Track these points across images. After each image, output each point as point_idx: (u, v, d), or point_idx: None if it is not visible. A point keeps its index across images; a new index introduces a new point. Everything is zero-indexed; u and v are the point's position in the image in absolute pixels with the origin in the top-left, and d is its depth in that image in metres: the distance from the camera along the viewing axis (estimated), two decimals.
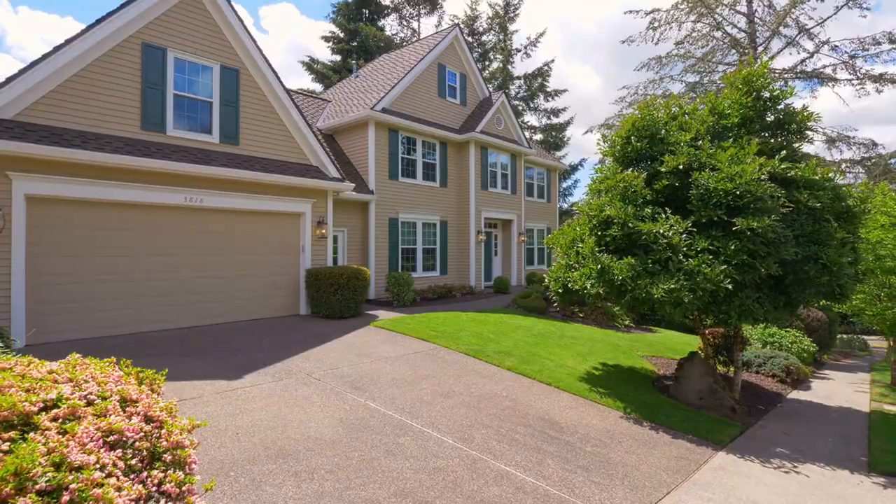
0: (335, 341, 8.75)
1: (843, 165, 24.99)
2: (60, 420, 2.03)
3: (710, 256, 6.54)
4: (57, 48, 8.24)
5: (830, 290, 6.97)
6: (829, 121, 65.75)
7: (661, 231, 6.70)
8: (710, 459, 5.46)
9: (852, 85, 23.50)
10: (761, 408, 8.39)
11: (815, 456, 6.01)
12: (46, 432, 1.92)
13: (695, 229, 6.91)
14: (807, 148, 27.61)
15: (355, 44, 34.74)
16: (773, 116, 7.83)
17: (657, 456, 5.28)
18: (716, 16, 25.78)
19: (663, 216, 6.96)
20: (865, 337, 26.75)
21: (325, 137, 15.85)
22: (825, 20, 23.04)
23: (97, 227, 8.72)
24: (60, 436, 1.91)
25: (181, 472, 2.10)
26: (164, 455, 2.15)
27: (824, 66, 24.86)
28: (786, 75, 25.04)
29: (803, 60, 24.51)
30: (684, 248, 6.67)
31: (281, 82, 11.29)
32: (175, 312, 9.59)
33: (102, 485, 1.76)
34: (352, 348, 8.32)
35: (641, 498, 4.23)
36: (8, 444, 1.82)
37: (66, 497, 1.64)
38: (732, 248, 6.49)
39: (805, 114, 7.66)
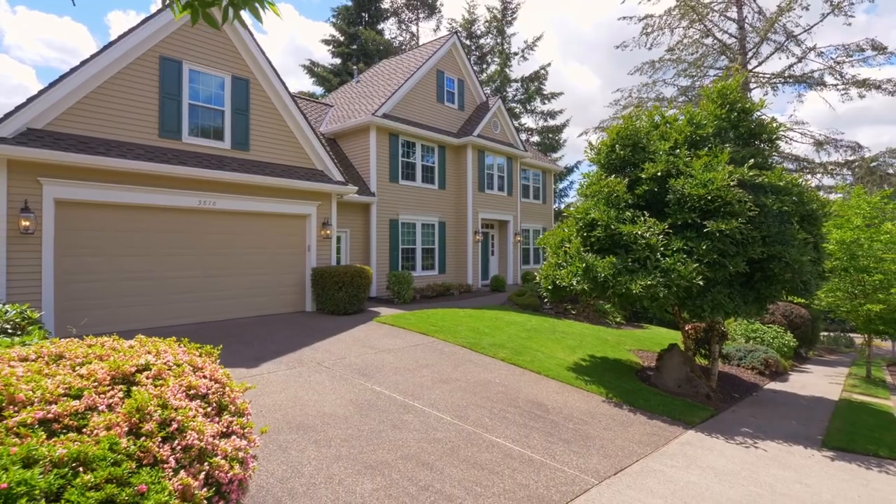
0: (341, 335, 9.40)
1: (830, 167, 25.69)
2: (152, 379, 2.68)
3: (685, 255, 7.21)
4: (84, 62, 8.87)
5: (794, 286, 7.64)
6: (825, 122, 66.72)
7: (640, 232, 7.37)
8: (680, 436, 6.12)
9: (837, 90, 24.27)
10: (736, 396, 9.06)
11: (776, 434, 6.68)
12: (146, 386, 2.57)
13: (671, 231, 7.58)
14: (796, 150, 28.40)
15: (355, 47, 35.39)
16: (745, 127, 8.50)
17: (632, 432, 5.94)
18: (706, 23, 26.49)
19: (642, 219, 7.63)
20: (853, 335, 27.46)
21: (327, 141, 16.49)
22: (812, 27, 23.79)
23: (118, 229, 9.35)
24: (156, 388, 2.56)
25: (244, 419, 2.76)
26: (229, 406, 2.80)
27: (812, 71, 25.60)
28: (774, 80, 25.76)
29: (791, 66, 25.24)
30: (661, 248, 7.33)
31: (288, 91, 11.92)
32: (189, 308, 10.22)
33: (195, 420, 2.41)
34: (357, 341, 8.97)
35: (613, 463, 4.89)
36: (121, 393, 2.48)
37: (174, 426, 2.29)
38: (704, 247, 7.16)
39: (774, 125, 8.35)
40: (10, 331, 5.31)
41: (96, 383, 2.48)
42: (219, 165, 10.41)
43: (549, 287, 8.61)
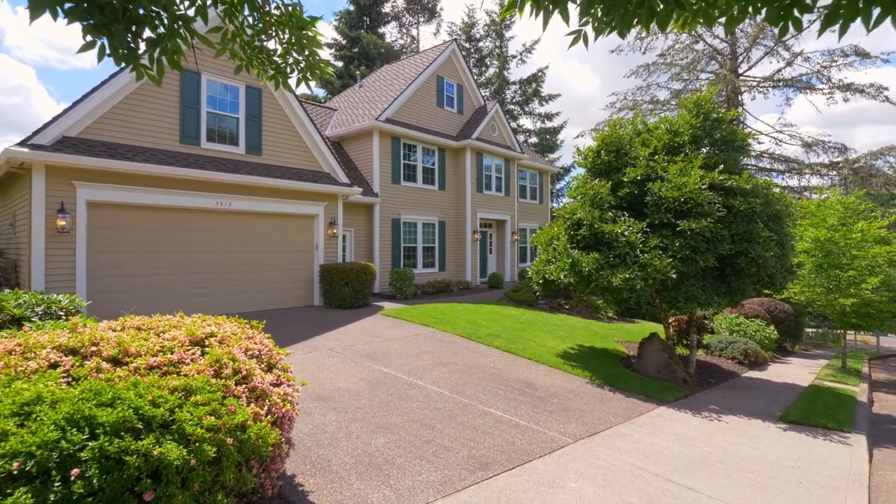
0: (349, 326, 10.19)
1: (817, 168, 26.48)
2: (218, 342, 3.47)
3: (661, 252, 7.99)
4: (112, 76, 9.67)
5: (760, 279, 8.44)
6: (825, 123, 67.70)
7: (621, 231, 8.17)
8: (652, 410, 6.92)
9: (824, 94, 25.08)
10: (712, 381, 9.85)
11: (740, 411, 7.48)
12: (215, 348, 3.36)
13: (649, 230, 8.38)
14: (787, 151, 29.08)
15: (356, 50, 36.14)
16: (719, 134, 9.28)
17: (609, 407, 6.74)
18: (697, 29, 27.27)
19: (623, 219, 8.43)
20: (840, 331, 28.24)
21: (333, 144, 17.25)
22: (799, 33, 24.52)
23: (141, 228, 10.14)
24: (224, 348, 3.35)
25: (288, 373, 3.55)
26: (277, 364, 3.60)
27: (801, 75, 26.39)
28: (764, 84, 26.54)
29: (779, 70, 26.05)
30: (640, 245, 8.12)
31: (298, 99, 12.71)
32: (206, 303, 10.99)
33: (256, 371, 3.20)
34: (364, 331, 9.76)
35: (589, 429, 5.68)
36: (199, 352, 3.27)
37: (243, 372, 3.09)
38: (678, 244, 7.95)
39: (744, 133, 9.14)
40: (62, 316, 6.13)
41: (180, 344, 3.28)
42: (234, 169, 11.20)
43: (540, 281, 9.40)
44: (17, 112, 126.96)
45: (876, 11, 1.88)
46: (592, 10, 2.08)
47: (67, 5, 2.00)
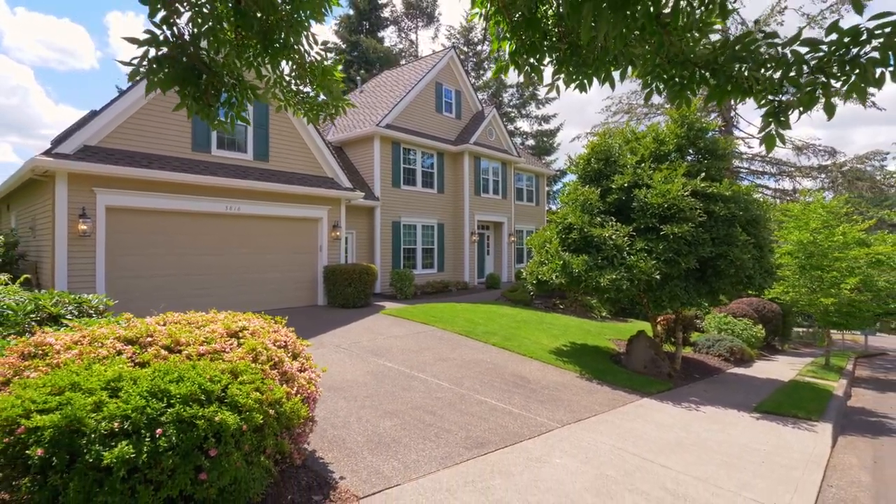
0: (352, 324, 10.75)
1: (805, 171, 27.14)
2: (251, 334, 4.03)
3: (646, 254, 8.57)
4: (129, 87, 10.21)
5: (739, 280, 9.03)
6: (820, 124, 68.53)
7: (608, 235, 8.75)
8: (635, 401, 7.49)
9: None
10: (697, 377, 10.42)
11: (718, 402, 8.05)
12: (249, 339, 3.91)
13: (635, 233, 8.95)
14: (778, 153, 29.79)
15: (356, 54, 36.71)
16: (702, 143, 9.86)
17: (596, 398, 7.30)
18: None
19: (611, 223, 9.01)
20: (833, 331, 28.86)
21: (334, 149, 17.81)
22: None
23: (155, 232, 10.68)
24: (256, 339, 3.90)
25: (310, 361, 4.11)
26: (301, 353, 4.16)
27: None
28: None
29: None
30: (626, 248, 8.70)
31: None
32: (216, 303, 11.48)
33: (286, 358, 3.76)
34: (367, 329, 10.32)
35: (575, 416, 6.25)
36: (235, 342, 3.82)
37: (275, 359, 3.64)
38: (661, 247, 8.53)
39: (725, 142, 9.73)
40: (93, 314, 6.68)
41: (220, 336, 3.83)
42: (243, 175, 11.75)
43: (534, 281, 9.97)
44: (16, 113, 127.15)
45: (738, 98, 2.52)
46: (563, 69, 2.66)
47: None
